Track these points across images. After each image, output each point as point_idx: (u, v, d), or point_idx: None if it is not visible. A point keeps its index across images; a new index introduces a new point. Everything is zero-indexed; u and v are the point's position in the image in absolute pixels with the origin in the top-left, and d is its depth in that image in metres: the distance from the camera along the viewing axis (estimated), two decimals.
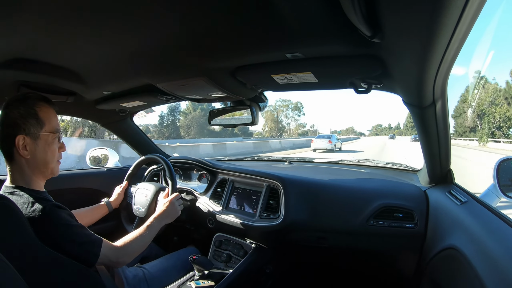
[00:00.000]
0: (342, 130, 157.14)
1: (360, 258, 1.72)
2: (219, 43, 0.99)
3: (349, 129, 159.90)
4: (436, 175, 1.48)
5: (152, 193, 1.68)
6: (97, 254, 1.06)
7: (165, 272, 1.51)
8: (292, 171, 1.94)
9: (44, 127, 1.08)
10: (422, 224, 1.38)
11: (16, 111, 1.03)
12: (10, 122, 1.03)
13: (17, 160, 1.05)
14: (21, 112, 1.03)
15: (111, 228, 2.00)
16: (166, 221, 1.47)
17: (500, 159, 1.29)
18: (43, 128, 1.07)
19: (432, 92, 0.99)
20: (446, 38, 0.66)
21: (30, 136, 1.04)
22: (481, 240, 0.89)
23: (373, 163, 2.23)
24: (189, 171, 2.17)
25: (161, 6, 0.77)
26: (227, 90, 1.37)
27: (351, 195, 1.55)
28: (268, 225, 1.51)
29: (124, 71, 1.32)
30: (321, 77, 1.16)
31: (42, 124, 1.07)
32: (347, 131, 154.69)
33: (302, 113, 79.18)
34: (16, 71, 1.21)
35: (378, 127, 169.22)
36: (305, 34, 0.88)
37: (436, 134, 1.23)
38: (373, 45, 0.83)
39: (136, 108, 2.01)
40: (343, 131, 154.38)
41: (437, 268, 1.15)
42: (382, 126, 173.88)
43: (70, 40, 0.99)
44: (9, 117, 1.03)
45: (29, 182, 1.07)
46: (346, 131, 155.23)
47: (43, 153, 1.08)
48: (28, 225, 0.91)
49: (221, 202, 1.78)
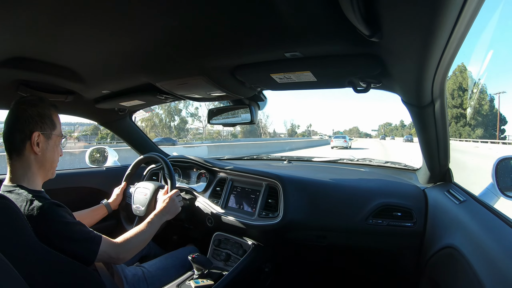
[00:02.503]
0: (345, 131, 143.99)
1: (359, 256, 1.72)
2: (218, 42, 0.99)
3: (353, 130, 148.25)
4: (435, 174, 1.48)
5: (151, 192, 1.68)
6: (96, 251, 1.07)
7: (165, 271, 1.51)
8: (291, 170, 1.94)
9: (56, 129, 1.16)
10: (420, 223, 1.38)
11: (35, 109, 1.10)
12: (27, 118, 1.08)
13: (26, 155, 1.09)
14: (40, 111, 1.11)
15: (111, 227, 2.00)
16: (167, 217, 1.47)
17: (499, 158, 1.29)
18: (54, 130, 1.16)
19: (430, 91, 0.99)
20: (444, 37, 0.66)
21: (44, 135, 1.11)
22: (480, 239, 0.90)
23: (372, 162, 2.23)
24: (188, 170, 2.17)
25: (160, 5, 0.77)
26: (226, 89, 1.37)
27: (350, 194, 1.55)
28: (267, 224, 1.51)
29: (123, 70, 1.32)
30: (320, 76, 1.16)
31: (54, 126, 1.16)
32: (351, 132, 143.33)
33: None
34: (15, 70, 1.21)
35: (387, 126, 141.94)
36: (304, 33, 0.88)
37: (434, 133, 1.23)
38: (372, 44, 0.83)
39: (135, 107, 2.01)
40: (346, 132, 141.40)
41: (436, 267, 1.16)
42: (392, 124, 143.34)
43: (70, 39, 0.99)
44: (27, 112, 1.08)
45: (31, 179, 1.09)
46: (349, 132, 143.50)
47: (51, 152, 1.15)
48: (28, 224, 0.91)
49: (220, 201, 1.78)
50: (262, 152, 16.41)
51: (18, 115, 1.08)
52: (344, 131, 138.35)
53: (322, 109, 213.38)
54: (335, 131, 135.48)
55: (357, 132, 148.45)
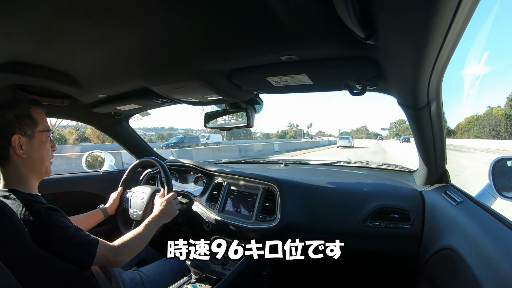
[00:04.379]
0: (352, 131, 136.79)
1: (357, 259, 1.72)
2: (214, 46, 0.99)
3: (360, 130, 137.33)
4: (432, 176, 1.48)
5: (148, 195, 1.67)
6: (93, 254, 1.06)
7: (162, 275, 1.50)
8: (288, 173, 1.95)
9: (38, 127, 1.11)
10: (418, 224, 1.38)
11: (11, 112, 1.06)
12: (5, 123, 1.05)
13: (13, 160, 1.06)
14: (16, 113, 1.06)
15: (108, 232, 1.99)
16: (164, 220, 1.46)
17: (495, 159, 1.30)
18: (37, 127, 1.11)
19: (426, 93, 1.00)
20: (439, 39, 0.67)
21: (25, 136, 1.07)
22: (477, 240, 0.90)
23: (369, 164, 2.24)
24: (185, 174, 2.17)
25: (156, 9, 0.77)
26: (223, 93, 1.37)
27: (347, 196, 1.55)
28: (264, 227, 1.50)
29: (120, 74, 1.32)
30: (316, 79, 1.16)
31: (36, 124, 1.11)
32: (358, 132, 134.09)
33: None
34: (12, 74, 1.21)
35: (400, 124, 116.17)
36: (299, 37, 0.88)
37: (431, 135, 1.24)
38: (367, 47, 0.83)
39: (132, 111, 2.00)
40: (353, 132, 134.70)
41: (434, 268, 1.16)
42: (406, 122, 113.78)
43: (66, 43, 0.99)
44: (4, 118, 1.05)
45: (25, 183, 1.08)
46: (356, 132, 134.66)
47: (38, 151, 1.11)
48: (24, 229, 0.91)
49: (217, 205, 1.78)
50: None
51: None
52: (351, 132, 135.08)
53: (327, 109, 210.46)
54: (341, 132, 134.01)
55: (365, 132, 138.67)
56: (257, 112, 1.67)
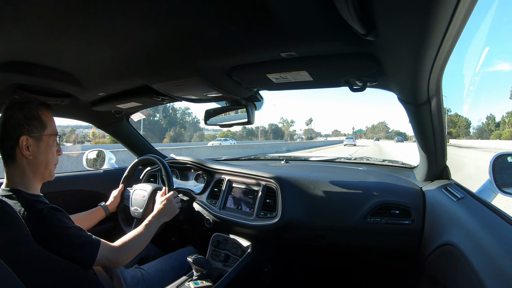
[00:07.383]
0: (368, 129, 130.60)
1: (358, 255, 1.72)
2: (214, 43, 0.99)
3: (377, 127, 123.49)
4: (432, 172, 1.49)
5: (149, 193, 1.67)
6: (94, 255, 1.07)
7: (164, 272, 1.51)
8: (288, 170, 1.94)
9: (46, 130, 1.12)
10: (419, 221, 1.38)
11: (20, 112, 1.06)
12: (14, 123, 1.05)
13: (18, 161, 1.06)
14: (26, 113, 1.07)
15: (109, 230, 2.00)
16: (165, 219, 1.47)
17: (496, 154, 1.29)
18: (45, 130, 1.11)
19: (426, 89, 0.99)
20: (439, 35, 0.66)
21: (33, 138, 1.08)
22: (478, 235, 0.90)
23: (369, 160, 2.24)
24: (186, 172, 2.17)
25: (155, 6, 0.76)
26: (223, 90, 1.37)
27: (347, 193, 1.55)
28: (265, 224, 1.51)
29: (119, 72, 1.32)
30: (316, 75, 1.16)
31: (44, 126, 1.11)
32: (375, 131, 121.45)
33: None
34: (12, 73, 1.21)
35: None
36: (299, 33, 0.88)
37: (431, 131, 1.23)
38: (367, 43, 0.83)
39: (132, 109, 2.00)
40: (369, 130, 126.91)
41: (435, 264, 1.16)
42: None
43: (66, 42, 0.99)
44: (13, 118, 1.06)
45: (28, 184, 1.08)
46: (372, 130, 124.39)
47: (44, 154, 1.11)
48: (26, 228, 0.91)
49: (218, 202, 1.78)
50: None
51: (5, 121, 1.06)
52: (366, 129, 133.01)
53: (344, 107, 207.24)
54: (354, 130, 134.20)
55: (384, 129, 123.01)
56: (258, 109, 1.67)
